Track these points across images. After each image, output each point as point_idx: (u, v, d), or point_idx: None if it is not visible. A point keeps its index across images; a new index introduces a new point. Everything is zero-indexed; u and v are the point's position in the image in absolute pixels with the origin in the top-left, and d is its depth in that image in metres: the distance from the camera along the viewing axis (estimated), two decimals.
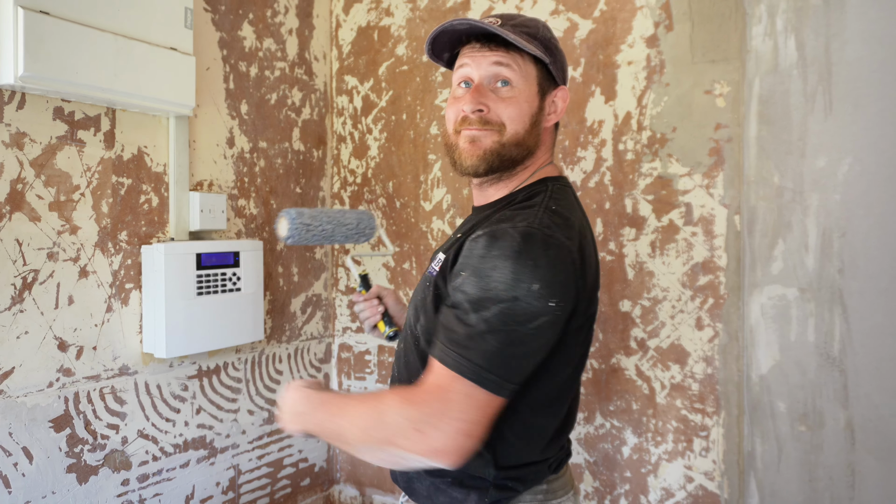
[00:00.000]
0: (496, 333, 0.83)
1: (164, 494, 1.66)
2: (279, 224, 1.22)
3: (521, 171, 1.03)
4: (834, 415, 1.46)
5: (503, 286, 0.84)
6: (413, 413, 0.82)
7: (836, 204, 1.45)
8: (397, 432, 0.83)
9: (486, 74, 0.99)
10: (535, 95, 1.00)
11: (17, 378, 1.37)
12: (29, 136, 1.39)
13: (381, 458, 0.87)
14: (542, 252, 0.86)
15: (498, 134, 0.98)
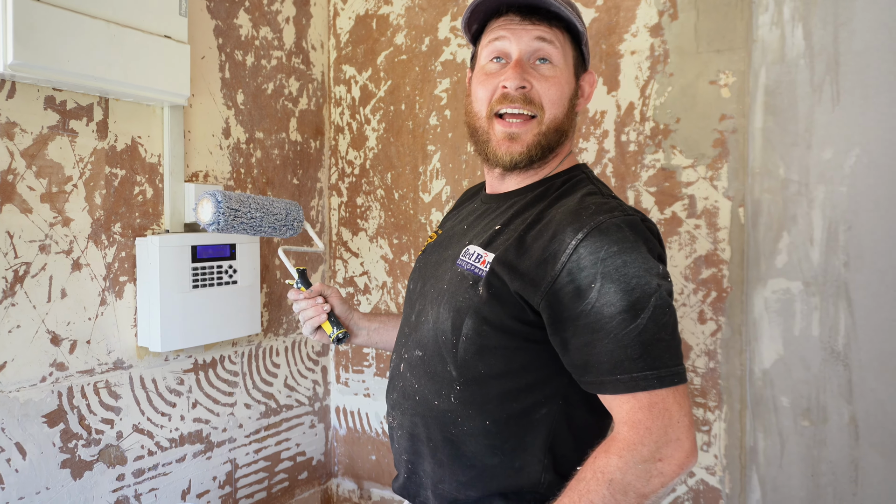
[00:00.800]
0: (664, 327, 0.81)
1: (161, 489, 1.64)
2: (202, 208, 1.07)
3: (552, 159, 0.98)
4: (838, 410, 1.44)
5: (644, 280, 0.81)
6: (640, 455, 0.78)
7: (842, 196, 1.43)
8: (641, 483, 0.77)
9: (526, 49, 0.92)
10: (572, 77, 0.96)
11: (9, 373, 1.34)
12: (20, 126, 1.36)
13: None
14: (648, 236, 0.86)
15: (537, 124, 0.93)
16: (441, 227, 1.16)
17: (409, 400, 0.99)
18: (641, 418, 0.78)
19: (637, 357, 0.79)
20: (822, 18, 1.43)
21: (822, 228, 1.45)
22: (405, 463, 1.00)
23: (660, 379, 0.79)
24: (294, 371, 2.05)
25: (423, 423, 0.96)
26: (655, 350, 0.79)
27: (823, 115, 1.44)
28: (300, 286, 1.20)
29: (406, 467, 1.01)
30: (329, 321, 1.19)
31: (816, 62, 1.44)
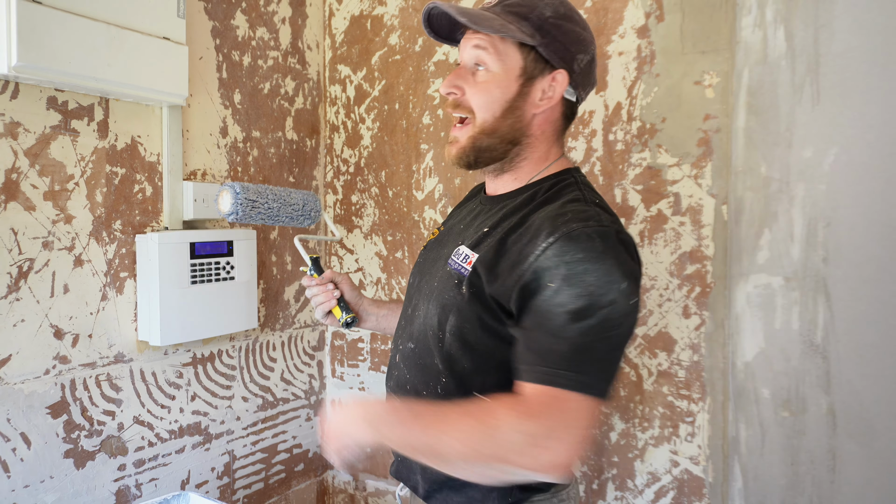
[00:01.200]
0: (602, 341, 0.82)
1: (161, 479, 1.69)
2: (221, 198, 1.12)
3: (524, 164, 1.01)
4: (816, 401, 1.49)
5: (600, 290, 0.82)
6: (532, 428, 0.79)
7: (821, 194, 1.47)
8: (512, 449, 0.79)
9: (467, 57, 0.98)
10: (513, 80, 0.95)
11: (14, 365, 1.39)
12: (23, 126, 1.40)
13: (484, 474, 0.83)
14: (621, 250, 0.86)
15: (470, 127, 0.97)
16: (444, 224, 1.20)
17: (402, 389, 1.04)
18: (546, 402, 0.81)
19: (565, 356, 0.81)
20: (802, 20, 1.48)
21: (801, 225, 1.49)
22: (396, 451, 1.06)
23: (577, 383, 0.81)
24: (290, 365, 2.10)
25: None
26: (584, 357, 0.82)
27: (804, 114, 1.48)
28: (313, 273, 1.27)
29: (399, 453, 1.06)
30: (339, 306, 1.25)
31: (797, 63, 1.49)
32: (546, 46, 0.95)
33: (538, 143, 1.00)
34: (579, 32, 0.98)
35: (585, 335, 0.82)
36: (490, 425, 0.80)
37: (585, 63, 0.99)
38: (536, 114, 0.98)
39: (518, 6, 0.95)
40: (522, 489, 0.97)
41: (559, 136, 1.03)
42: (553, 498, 1.00)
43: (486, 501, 0.98)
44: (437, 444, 0.82)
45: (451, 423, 0.83)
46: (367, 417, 0.88)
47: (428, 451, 0.84)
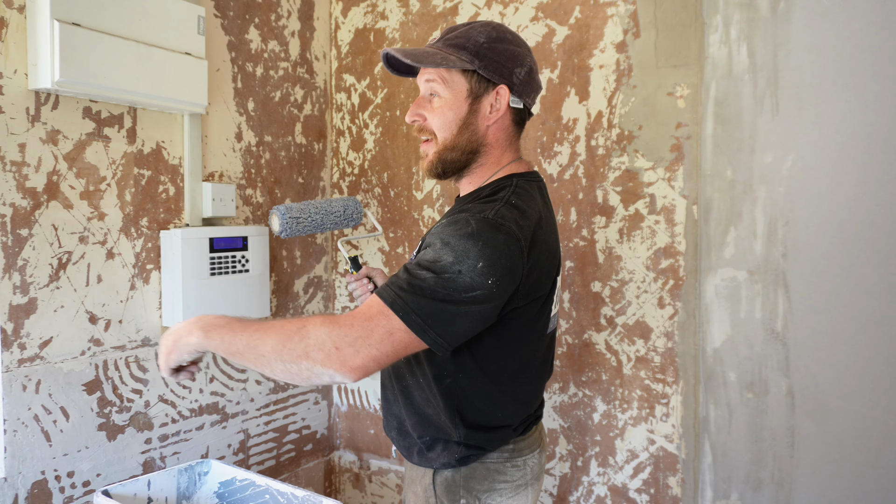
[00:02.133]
0: (434, 292, 0.95)
1: (182, 453, 1.86)
2: (271, 221, 1.32)
3: (479, 169, 1.16)
4: (777, 383, 1.65)
5: (452, 259, 0.96)
6: (336, 333, 0.93)
7: (780, 196, 1.62)
8: (316, 347, 0.93)
9: (423, 91, 1.15)
10: (462, 101, 1.11)
11: (55, 346, 1.56)
12: (62, 134, 1.57)
13: (290, 372, 0.95)
14: (491, 236, 0.98)
15: (434, 144, 1.14)
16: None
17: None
18: (358, 316, 0.94)
19: (400, 283, 0.96)
20: (763, 39, 1.63)
21: (763, 223, 1.65)
22: (382, 409, 1.26)
23: (396, 302, 0.94)
24: None
25: (388, 377, 1.22)
26: (416, 291, 0.94)
27: (765, 123, 1.63)
28: (353, 270, 1.46)
29: (383, 412, 1.27)
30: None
31: (759, 77, 1.64)
32: (485, 68, 1.10)
33: (493, 149, 1.15)
34: (513, 50, 1.12)
35: (423, 281, 0.95)
36: (301, 327, 0.95)
37: (524, 74, 1.13)
38: (489, 125, 1.13)
39: (456, 38, 1.12)
40: (467, 446, 1.13)
41: (513, 142, 1.18)
42: (506, 462, 1.16)
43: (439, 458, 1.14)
44: (257, 344, 0.97)
45: (272, 328, 0.97)
46: (200, 324, 1.05)
47: (249, 352, 0.97)
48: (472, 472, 1.14)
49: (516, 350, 1.12)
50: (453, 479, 1.15)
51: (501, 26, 1.14)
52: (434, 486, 1.16)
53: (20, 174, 1.48)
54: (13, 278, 1.48)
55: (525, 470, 1.18)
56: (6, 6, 1.45)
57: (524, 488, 1.19)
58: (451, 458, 1.14)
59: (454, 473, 1.15)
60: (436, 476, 1.16)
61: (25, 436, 1.51)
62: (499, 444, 1.16)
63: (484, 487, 1.15)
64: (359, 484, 2.37)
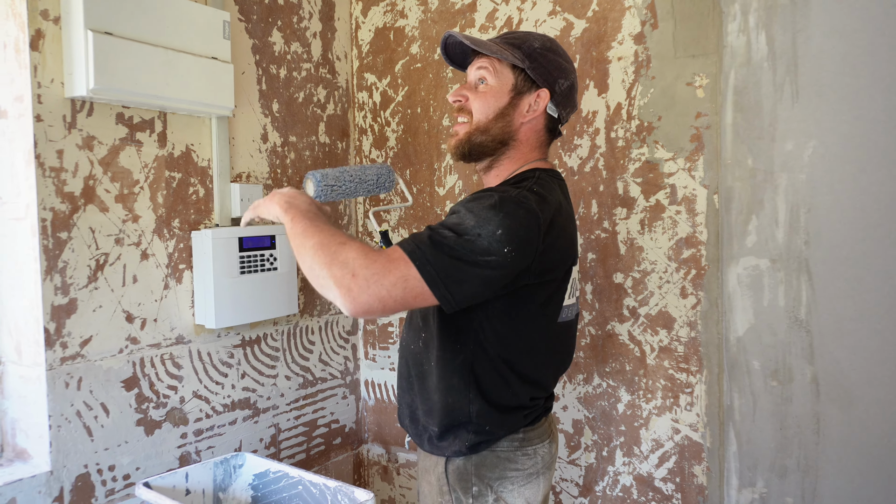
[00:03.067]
0: (452, 249, 1.00)
1: (216, 447, 1.92)
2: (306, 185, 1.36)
3: (506, 162, 1.22)
4: (801, 370, 1.65)
5: (473, 223, 1.02)
6: (361, 262, 0.98)
7: (802, 183, 1.62)
8: (341, 265, 0.98)
9: (473, 76, 1.23)
10: (506, 93, 1.19)
11: (94, 345, 1.62)
12: (97, 139, 1.62)
13: (313, 272, 1.01)
14: (512, 209, 1.04)
15: (468, 125, 1.21)
16: None
17: (402, 348, 1.30)
18: (384, 257, 0.99)
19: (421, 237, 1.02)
20: (782, 26, 1.63)
21: (785, 211, 1.65)
22: (398, 398, 1.31)
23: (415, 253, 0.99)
24: (327, 348, 2.31)
25: (405, 363, 1.27)
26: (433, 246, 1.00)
27: (784, 111, 1.63)
28: (382, 245, 1.49)
29: (399, 401, 1.31)
30: None
31: (778, 64, 1.64)
32: (533, 69, 1.19)
33: (522, 146, 1.23)
34: (561, 62, 1.21)
35: (444, 238, 1.01)
36: (343, 245, 1.01)
37: (566, 87, 1.21)
38: (523, 122, 1.21)
39: (513, 38, 1.21)
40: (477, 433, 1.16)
41: (542, 145, 1.25)
42: (517, 451, 1.19)
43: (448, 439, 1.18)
44: (307, 237, 1.05)
45: (326, 231, 1.05)
46: (291, 200, 1.16)
47: (298, 239, 1.06)
48: (483, 461, 1.18)
49: (524, 329, 1.15)
50: (465, 468, 1.18)
51: (557, 43, 1.24)
52: (447, 475, 1.19)
53: (59, 179, 1.55)
54: (54, 280, 1.54)
55: (536, 459, 1.21)
56: (43, 18, 1.50)
57: (535, 477, 1.21)
58: (461, 445, 1.17)
59: (465, 462, 1.18)
60: (448, 465, 1.19)
61: (69, 431, 1.57)
62: (509, 429, 1.18)
63: (495, 475, 1.18)
64: (387, 476, 2.42)
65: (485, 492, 1.17)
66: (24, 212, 1.53)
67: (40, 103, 1.51)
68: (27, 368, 1.56)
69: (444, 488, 1.20)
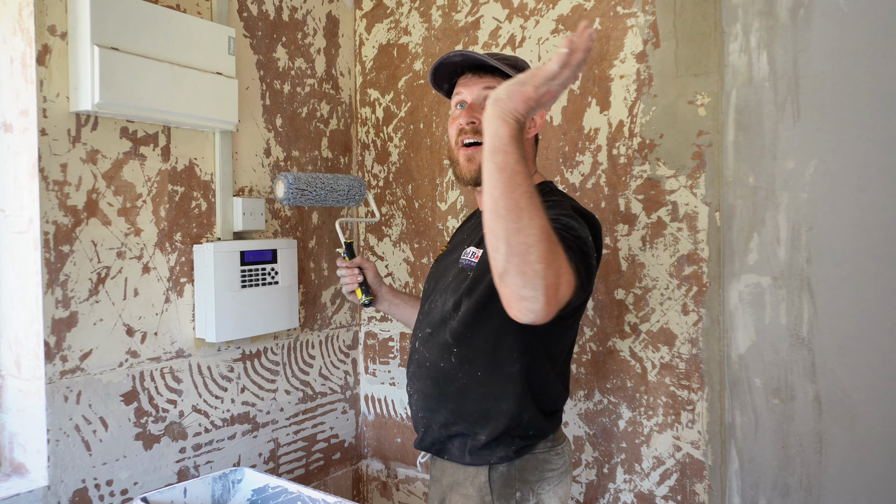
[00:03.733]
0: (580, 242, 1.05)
1: (215, 462, 1.90)
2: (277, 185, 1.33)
3: None
4: (803, 389, 1.64)
5: (578, 226, 1.09)
6: (565, 265, 0.90)
7: (803, 201, 1.63)
8: (560, 272, 0.86)
9: (478, 96, 1.23)
10: None
11: (94, 358, 1.61)
12: (101, 153, 1.63)
13: (523, 259, 0.83)
14: (581, 221, 1.13)
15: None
16: (450, 242, 1.48)
17: (423, 368, 1.27)
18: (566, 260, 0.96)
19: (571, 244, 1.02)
20: (783, 46, 1.64)
21: (786, 229, 1.65)
22: (422, 420, 1.27)
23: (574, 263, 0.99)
24: (328, 362, 2.31)
25: (432, 383, 1.25)
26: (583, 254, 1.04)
27: (786, 130, 1.64)
28: (345, 256, 1.49)
29: (423, 423, 1.27)
30: (360, 288, 1.48)
31: (779, 84, 1.65)
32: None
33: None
34: None
35: (582, 240, 1.08)
36: (557, 243, 0.88)
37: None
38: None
39: (507, 59, 1.25)
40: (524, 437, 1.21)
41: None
42: (550, 451, 1.25)
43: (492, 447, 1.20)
44: (537, 213, 0.85)
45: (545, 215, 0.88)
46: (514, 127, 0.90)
47: (528, 208, 0.84)
48: (526, 464, 1.22)
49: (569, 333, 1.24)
50: (509, 473, 1.21)
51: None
52: (490, 484, 1.20)
53: (62, 193, 1.55)
54: (55, 293, 1.54)
55: (564, 458, 1.28)
56: (50, 34, 1.52)
57: (565, 475, 1.28)
58: (508, 450, 1.20)
59: (509, 467, 1.21)
60: (491, 472, 1.21)
61: (67, 445, 1.57)
62: (551, 430, 1.25)
63: (535, 477, 1.22)
64: (386, 492, 2.40)
65: (527, 495, 1.21)
66: (27, 225, 1.53)
67: (45, 117, 1.52)
68: (26, 382, 1.56)
69: (487, 498, 1.20)
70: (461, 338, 1.20)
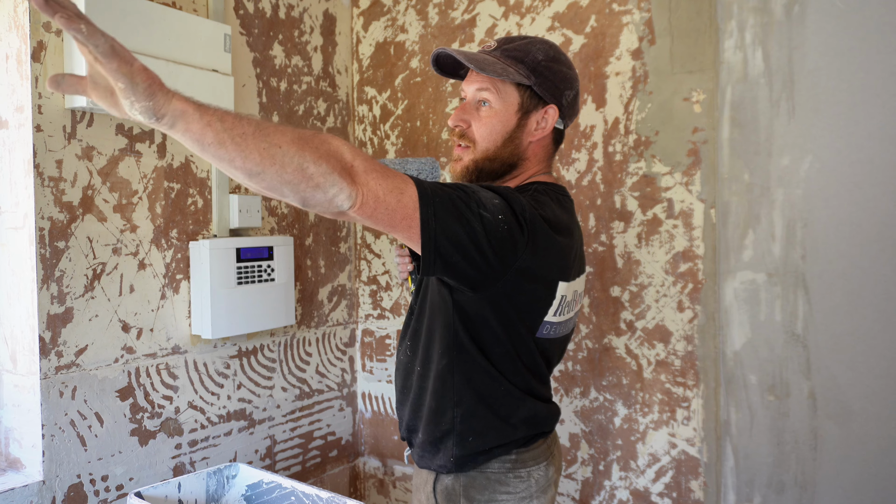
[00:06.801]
0: (454, 190, 0.95)
1: (211, 458, 1.91)
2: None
3: (511, 181, 1.18)
4: (798, 385, 1.64)
5: (475, 186, 0.99)
6: (360, 157, 0.88)
7: (798, 198, 1.63)
8: (337, 154, 0.85)
9: (472, 97, 1.16)
10: (512, 115, 1.13)
11: (90, 354, 1.62)
12: (97, 150, 1.64)
13: (302, 171, 0.82)
14: (506, 191, 1.01)
15: (472, 151, 1.15)
16: None
17: (396, 360, 1.28)
18: (382, 165, 0.92)
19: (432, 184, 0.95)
20: (778, 42, 1.64)
21: (781, 226, 1.65)
22: (397, 410, 1.29)
23: (419, 179, 0.94)
24: (324, 360, 2.31)
25: (398, 373, 1.26)
26: (439, 185, 0.95)
27: (781, 126, 1.64)
28: (401, 244, 1.50)
29: (397, 413, 1.29)
30: (411, 276, 1.49)
31: (774, 81, 1.65)
32: (539, 85, 1.13)
33: (530, 164, 1.19)
34: (566, 72, 1.16)
35: (447, 184, 0.97)
36: (328, 139, 0.87)
37: (571, 98, 1.17)
38: (532, 141, 1.16)
39: (515, 51, 1.13)
40: (462, 446, 1.13)
41: (549, 158, 1.21)
42: (509, 472, 1.14)
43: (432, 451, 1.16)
44: (271, 132, 0.82)
45: (291, 127, 0.85)
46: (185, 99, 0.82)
47: (259, 136, 0.80)
48: (472, 482, 1.14)
49: (502, 336, 1.10)
50: (453, 488, 1.15)
51: (558, 48, 1.17)
52: (435, 494, 1.17)
53: (57, 189, 1.55)
54: (51, 289, 1.54)
55: (529, 482, 1.16)
56: (45, 30, 1.52)
57: (528, 500, 1.16)
58: (447, 459, 1.13)
59: (454, 481, 1.15)
60: (436, 483, 1.17)
61: (62, 440, 1.57)
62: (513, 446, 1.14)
63: (485, 497, 1.14)
64: (383, 490, 2.40)
65: None
66: (22, 221, 1.54)
67: (41, 114, 1.52)
68: (22, 377, 1.56)
69: None
70: (411, 328, 1.19)
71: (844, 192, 1.57)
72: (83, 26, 0.71)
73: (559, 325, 1.16)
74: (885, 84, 1.51)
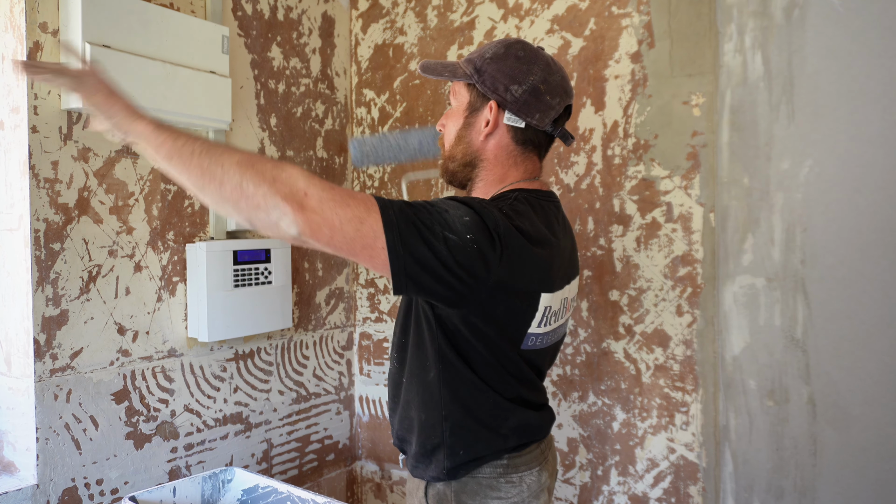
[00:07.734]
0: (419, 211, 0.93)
1: (207, 462, 1.89)
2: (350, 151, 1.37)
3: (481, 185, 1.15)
4: (798, 391, 1.63)
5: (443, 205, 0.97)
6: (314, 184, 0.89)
7: (798, 202, 1.62)
8: (287, 181, 0.87)
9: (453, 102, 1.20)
10: (461, 113, 1.15)
11: (85, 357, 1.61)
12: (93, 151, 1.63)
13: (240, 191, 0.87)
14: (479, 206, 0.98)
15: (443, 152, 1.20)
16: None
17: (388, 370, 1.26)
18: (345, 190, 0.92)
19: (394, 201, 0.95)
20: (778, 46, 1.63)
21: (781, 230, 1.64)
22: (389, 418, 1.28)
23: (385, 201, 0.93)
24: (322, 363, 2.30)
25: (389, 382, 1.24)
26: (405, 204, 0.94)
27: (781, 130, 1.64)
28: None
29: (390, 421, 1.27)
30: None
31: (774, 84, 1.64)
32: (481, 83, 1.12)
33: (493, 166, 1.15)
34: (514, 67, 1.10)
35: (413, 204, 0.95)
36: (280, 164, 0.90)
37: (521, 92, 1.09)
38: (484, 140, 1.14)
39: (474, 52, 1.17)
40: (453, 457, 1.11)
41: (516, 159, 1.15)
42: (500, 477, 1.13)
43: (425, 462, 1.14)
44: (220, 153, 0.90)
45: (241, 150, 0.92)
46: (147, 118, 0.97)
47: (205, 156, 0.89)
48: (464, 487, 1.13)
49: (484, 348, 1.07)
50: (444, 494, 1.14)
51: (518, 43, 1.13)
52: (426, 499, 1.16)
53: (53, 190, 1.54)
54: (46, 291, 1.53)
55: (521, 487, 1.14)
56: (41, 31, 1.51)
57: None
58: (439, 470, 1.12)
59: (446, 487, 1.14)
60: (428, 489, 1.16)
61: (57, 444, 1.56)
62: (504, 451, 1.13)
63: (476, 503, 1.13)
64: (381, 494, 2.39)
65: None
66: (18, 222, 1.53)
67: (36, 114, 1.51)
68: (16, 380, 1.55)
69: None
70: (398, 341, 1.18)
71: (844, 196, 1.56)
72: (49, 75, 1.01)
73: (545, 336, 1.14)
74: (885, 88, 1.51)
